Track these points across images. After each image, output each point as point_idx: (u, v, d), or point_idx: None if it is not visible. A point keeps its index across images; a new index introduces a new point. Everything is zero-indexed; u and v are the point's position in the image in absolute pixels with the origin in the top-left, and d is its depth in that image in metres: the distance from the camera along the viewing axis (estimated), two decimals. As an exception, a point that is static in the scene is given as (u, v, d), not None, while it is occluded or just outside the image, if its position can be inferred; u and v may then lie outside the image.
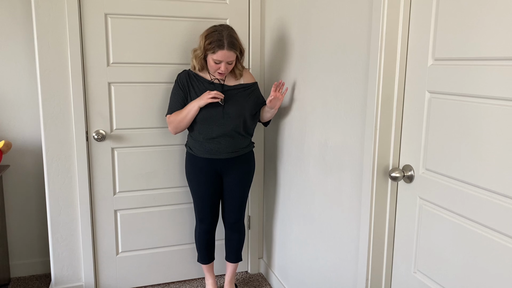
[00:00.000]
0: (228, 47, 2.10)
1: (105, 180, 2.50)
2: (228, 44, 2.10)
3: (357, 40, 1.72)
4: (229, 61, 2.14)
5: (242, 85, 2.31)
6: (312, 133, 2.13)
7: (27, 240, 2.81)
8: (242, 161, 2.37)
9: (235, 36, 2.16)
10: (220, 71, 2.16)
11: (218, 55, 2.11)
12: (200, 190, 2.38)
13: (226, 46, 2.10)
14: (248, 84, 2.32)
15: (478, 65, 1.26)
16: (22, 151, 2.70)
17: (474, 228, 1.31)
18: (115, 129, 2.47)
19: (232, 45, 2.11)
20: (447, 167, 1.40)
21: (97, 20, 2.33)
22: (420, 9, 1.47)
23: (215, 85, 2.26)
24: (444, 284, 1.44)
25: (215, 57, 2.12)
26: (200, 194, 2.39)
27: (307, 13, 2.11)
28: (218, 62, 2.14)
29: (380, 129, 1.60)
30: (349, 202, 1.84)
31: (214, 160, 2.31)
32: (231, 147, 2.28)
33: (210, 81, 2.26)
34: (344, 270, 1.92)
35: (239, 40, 2.18)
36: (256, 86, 2.37)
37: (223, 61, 2.13)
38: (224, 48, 2.10)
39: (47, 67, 2.30)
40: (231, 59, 2.14)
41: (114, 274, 2.63)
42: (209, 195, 2.38)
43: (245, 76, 2.34)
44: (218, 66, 2.15)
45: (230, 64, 2.16)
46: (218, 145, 2.27)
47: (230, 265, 2.59)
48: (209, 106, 2.20)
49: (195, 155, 2.33)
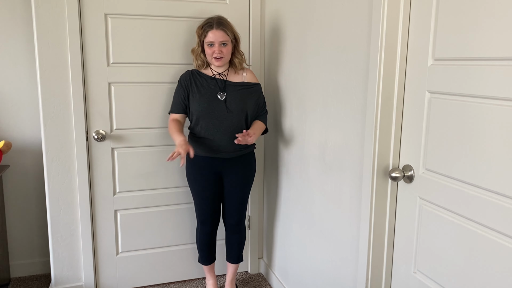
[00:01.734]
0: (217, 26, 2.17)
1: (105, 180, 2.50)
2: (217, 23, 2.17)
3: (357, 40, 1.72)
4: (221, 41, 2.18)
5: (244, 83, 2.31)
6: (312, 133, 2.13)
7: (27, 240, 2.81)
8: (242, 162, 2.37)
9: (225, 19, 2.23)
10: (215, 54, 2.18)
11: (209, 36, 2.17)
12: (201, 192, 2.38)
13: (215, 26, 2.17)
14: (251, 83, 2.33)
15: (478, 65, 1.25)
16: (22, 151, 2.70)
17: (474, 228, 1.31)
18: (115, 129, 2.47)
19: (220, 24, 2.18)
20: (447, 167, 1.40)
21: (97, 20, 2.33)
22: (420, 9, 1.47)
23: (217, 80, 2.26)
24: (444, 284, 1.44)
25: (207, 40, 2.18)
26: (200, 195, 2.38)
27: (308, 13, 2.11)
28: (211, 44, 2.18)
29: (380, 129, 1.60)
30: (349, 202, 1.84)
31: (215, 159, 2.31)
32: (231, 146, 2.28)
33: (212, 77, 2.27)
34: (344, 270, 1.92)
35: (231, 24, 2.24)
36: (259, 87, 2.37)
37: (215, 42, 2.17)
38: (213, 27, 2.17)
39: (47, 67, 2.30)
40: (222, 39, 2.18)
41: (114, 274, 2.63)
42: (210, 196, 2.38)
43: (248, 75, 2.35)
44: (213, 49, 2.18)
45: (224, 46, 2.19)
46: (219, 143, 2.27)
47: (231, 265, 2.59)
48: (210, 99, 2.23)
49: (195, 154, 2.33)
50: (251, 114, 2.32)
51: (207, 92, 2.25)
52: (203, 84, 2.27)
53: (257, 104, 2.35)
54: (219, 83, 2.26)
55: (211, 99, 2.23)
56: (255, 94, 2.34)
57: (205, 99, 2.24)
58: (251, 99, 2.31)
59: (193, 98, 2.26)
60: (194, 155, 2.32)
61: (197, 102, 2.25)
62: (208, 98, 2.24)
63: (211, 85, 2.26)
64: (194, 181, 2.38)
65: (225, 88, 2.26)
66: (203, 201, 2.39)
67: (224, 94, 2.24)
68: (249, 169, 2.41)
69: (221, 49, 2.18)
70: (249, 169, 2.41)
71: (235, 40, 2.25)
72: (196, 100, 2.25)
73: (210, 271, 2.59)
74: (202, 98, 2.25)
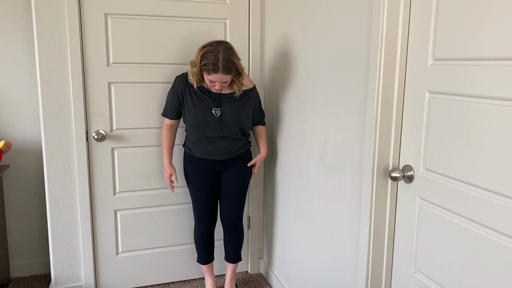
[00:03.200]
0: (222, 71, 2.06)
1: (105, 180, 2.50)
2: (223, 68, 2.05)
3: (357, 40, 1.72)
4: (223, 82, 2.12)
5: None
6: (312, 133, 2.13)
7: (27, 240, 2.81)
8: (239, 160, 2.39)
9: (232, 58, 2.08)
10: (214, 89, 2.16)
11: (213, 77, 2.08)
12: (198, 190, 2.39)
13: (221, 70, 2.06)
14: (246, 91, 2.29)
15: (478, 65, 1.25)
16: (22, 151, 2.70)
17: (474, 228, 1.31)
18: (115, 129, 2.47)
19: (227, 69, 2.06)
20: (447, 167, 1.40)
21: (97, 20, 2.33)
22: (420, 9, 1.47)
23: (211, 94, 2.24)
24: (444, 284, 1.44)
25: (210, 78, 2.10)
26: (198, 193, 2.39)
27: (308, 13, 2.11)
28: (213, 81, 2.12)
29: (380, 129, 1.60)
30: (349, 202, 1.84)
31: (212, 160, 2.33)
32: (228, 148, 2.31)
33: (207, 89, 2.25)
34: (344, 270, 1.92)
35: (236, 61, 2.11)
36: (254, 92, 2.34)
37: (218, 82, 2.11)
38: (218, 72, 2.06)
39: (47, 67, 2.30)
40: (225, 80, 2.11)
41: (114, 274, 2.63)
42: (207, 194, 2.39)
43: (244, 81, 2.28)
44: (213, 84, 2.13)
45: (225, 83, 2.14)
46: (215, 147, 2.29)
47: (230, 265, 2.59)
48: (205, 113, 2.22)
49: (193, 155, 2.34)
50: (247, 121, 2.33)
51: (202, 105, 2.23)
52: (198, 95, 2.24)
53: (253, 111, 2.35)
54: (214, 97, 2.24)
55: (206, 114, 2.22)
56: (251, 99, 2.32)
57: (200, 112, 2.23)
58: (247, 106, 2.31)
59: (187, 108, 2.25)
60: (192, 155, 2.33)
61: (192, 115, 2.24)
62: (202, 112, 2.23)
63: (205, 97, 2.23)
64: (191, 178, 2.39)
65: (220, 102, 2.24)
66: (200, 198, 2.40)
67: (219, 110, 2.23)
68: (245, 165, 2.42)
69: (223, 85, 2.14)
70: (245, 165, 2.42)
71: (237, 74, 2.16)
72: (191, 112, 2.24)
73: (209, 270, 2.60)
74: (196, 111, 2.23)
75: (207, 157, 2.32)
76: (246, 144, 2.40)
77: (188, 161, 2.39)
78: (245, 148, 2.40)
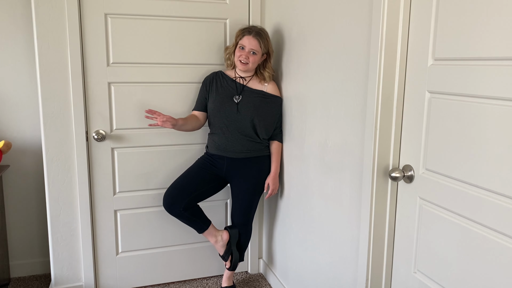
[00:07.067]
0: (254, 34, 2.24)
1: (105, 180, 2.50)
2: (255, 32, 2.25)
3: (357, 40, 1.72)
4: (252, 48, 2.24)
5: (263, 93, 2.35)
6: (312, 133, 2.13)
7: (27, 240, 2.81)
8: (251, 166, 2.39)
9: (266, 33, 2.30)
10: (241, 58, 2.25)
11: (244, 40, 2.25)
12: (187, 172, 2.41)
13: (253, 34, 2.24)
14: (269, 95, 2.36)
15: (478, 65, 1.25)
16: (22, 151, 2.70)
17: (474, 228, 1.31)
18: (115, 129, 2.47)
19: (258, 34, 2.25)
20: (447, 167, 1.40)
21: (97, 20, 2.33)
22: (420, 9, 1.47)
23: (236, 83, 2.33)
24: (444, 284, 1.44)
25: (241, 42, 2.26)
26: (184, 174, 2.41)
27: (307, 13, 2.11)
28: (243, 48, 2.25)
29: (380, 129, 1.60)
30: (349, 202, 1.84)
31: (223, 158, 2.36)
32: (238, 146, 2.33)
33: (233, 79, 2.34)
34: (344, 270, 1.92)
35: (268, 40, 2.31)
36: (279, 101, 2.39)
37: (247, 47, 2.24)
38: (251, 34, 2.24)
39: (47, 67, 2.30)
40: (254, 47, 2.24)
41: (114, 274, 2.63)
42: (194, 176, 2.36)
43: (269, 87, 2.38)
44: (241, 53, 2.25)
45: (253, 54, 2.25)
46: (226, 141, 2.32)
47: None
48: (225, 100, 2.31)
49: (208, 152, 2.42)
50: (265, 125, 2.34)
51: (224, 92, 2.34)
52: (223, 85, 2.35)
53: (273, 116, 2.37)
54: (238, 86, 2.33)
55: (225, 100, 2.31)
56: (272, 105, 2.36)
57: (220, 98, 2.32)
58: (266, 109, 2.34)
59: (211, 96, 2.36)
60: (206, 154, 2.42)
61: (212, 100, 2.35)
62: (222, 98, 2.32)
63: (230, 86, 2.34)
64: (191, 166, 2.44)
65: (242, 92, 2.32)
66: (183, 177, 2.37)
67: (239, 98, 2.30)
68: (257, 173, 2.41)
69: (249, 55, 2.25)
70: (257, 173, 2.41)
71: (268, 54, 2.32)
72: (213, 98, 2.35)
73: (211, 233, 2.45)
74: (217, 97, 2.33)
75: (219, 153, 2.36)
76: (258, 150, 2.38)
77: (201, 158, 2.46)
78: (256, 153, 2.38)
